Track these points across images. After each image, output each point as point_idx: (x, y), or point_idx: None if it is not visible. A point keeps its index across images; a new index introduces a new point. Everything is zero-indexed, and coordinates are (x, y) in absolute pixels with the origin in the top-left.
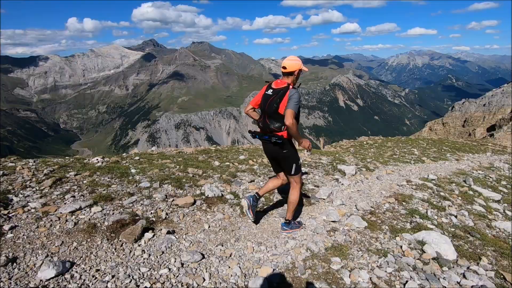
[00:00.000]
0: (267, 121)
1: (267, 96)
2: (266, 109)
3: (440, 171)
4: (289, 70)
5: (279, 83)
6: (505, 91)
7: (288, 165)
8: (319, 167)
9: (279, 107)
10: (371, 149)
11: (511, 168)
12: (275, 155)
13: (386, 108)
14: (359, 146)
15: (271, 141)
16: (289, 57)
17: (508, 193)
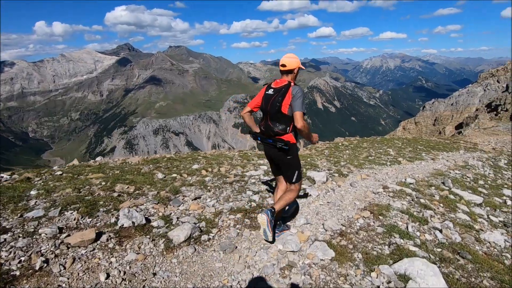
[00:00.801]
0: (269, 123)
1: (268, 96)
2: (268, 110)
3: (417, 173)
4: (289, 68)
5: (279, 82)
6: (470, 91)
7: (290, 172)
8: None
9: (281, 105)
10: (346, 151)
11: (485, 165)
12: (276, 159)
13: (362, 109)
14: (334, 148)
15: (276, 146)
16: (287, 54)
17: (488, 194)
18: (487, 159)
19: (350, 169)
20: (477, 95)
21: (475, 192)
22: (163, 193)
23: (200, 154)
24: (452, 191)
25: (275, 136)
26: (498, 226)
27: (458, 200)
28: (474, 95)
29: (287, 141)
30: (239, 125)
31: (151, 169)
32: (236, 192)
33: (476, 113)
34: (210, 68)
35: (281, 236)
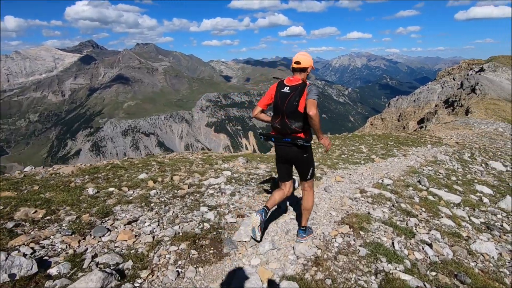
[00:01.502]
0: (287, 121)
1: (284, 94)
2: (285, 108)
3: (392, 171)
4: (303, 66)
5: (293, 80)
6: (430, 88)
7: (306, 169)
8: (252, 181)
9: (299, 104)
10: (318, 149)
11: (452, 160)
12: (293, 159)
13: (332, 106)
14: None
15: (297, 144)
16: (301, 52)
17: (464, 192)
18: (452, 153)
19: (324, 171)
20: (436, 92)
21: (451, 190)
22: (85, 217)
23: (156, 159)
24: (430, 191)
25: (292, 134)
26: (482, 230)
27: (438, 201)
28: (433, 92)
29: (307, 138)
30: (212, 124)
31: (84, 181)
32: (187, 209)
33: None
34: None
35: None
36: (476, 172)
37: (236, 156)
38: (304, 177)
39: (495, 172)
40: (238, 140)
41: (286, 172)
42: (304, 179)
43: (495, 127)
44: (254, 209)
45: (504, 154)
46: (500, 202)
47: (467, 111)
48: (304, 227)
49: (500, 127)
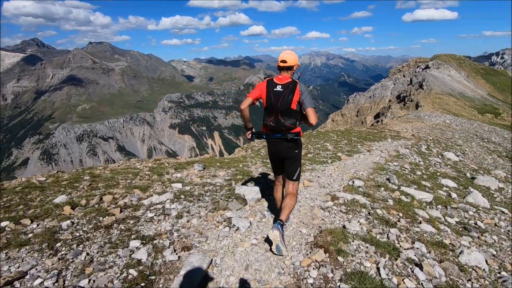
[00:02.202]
0: (280, 119)
1: (278, 92)
2: (279, 106)
3: (360, 169)
4: (290, 64)
5: (282, 79)
6: (383, 85)
7: (294, 167)
8: (207, 194)
9: (292, 102)
10: None
11: (412, 153)
12: (286, 155)
13: None
14: None
15: (288, 138)
16: (286, 51)
17: (432, 188)
18: (411, 146)
19: None
20: (389, 88)
21: (420, 187)
22: None
23: (93, 171)
24: (402, 191)
25: (286, 130)
26: (460, 232)
27: (411, 201)
28: (387, 88)
29: (298, 132)
30: (176, 125)
31: None
32: (110, 246)
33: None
34: (139, 66)
35: None
36: (436, 164)
37: (192, 162)
38: (292, 175)
39: (451, 163)
40: (203, 141)
41: (280, 167)
42: (291, 179)
43: (443, 119)
44: (205, 235)
45: (454, 144)
46: (468, 197)
47: (417, 105)
48: (281, 221)
49: (447, 119)
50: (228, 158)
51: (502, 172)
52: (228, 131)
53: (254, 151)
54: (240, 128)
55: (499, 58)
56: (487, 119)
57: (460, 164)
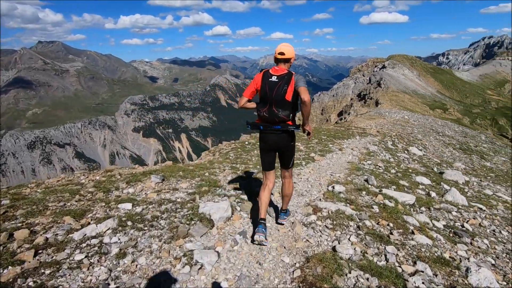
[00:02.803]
0: (274, 110)
1: (272, 82)
2: (273, 97)
3: (336, 171)
4: (287, 57)
5: (279, 70)
6: (345, 84)
7: (290, 156)
8: (163, 216)
9: (287, 92)
10: (254, 151)
11: (381, 149)
12: (281, 146)
13: None
14: (241, 148)
15: (288, 130)
16: (283, 43)
17: (410, 187)
18: (379, 142)
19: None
20: (350, 87)
21: (399, 187)
22: None
23: (20, 191)
24: (383, 194)
25: (280, 122)
26: (451, 238)
27: (396, 205)
28: (348, 87)
29: (298, 124)
30: (140, 128)
31: None
32: None
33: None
34: (97, 67)
35: None
36: (404, 160)
37: (150, 172)
38: (287, 165)
39: (417, 158)
40: (170, 144)
41: (271, 161)
42: (286, 168)
43: (401, 115)
44: (157, 282)
45: (415, 139)
46: (447, 195)
47: (377, 103)
48: (285, 210)
49: (405, 115)
50: (193, 165)
51: (461, 165)
52: (196, 133)
53: (222, 155)
54: (208, 130)
55: (444, 58)
56: (437, 114)
57: (424, 158)
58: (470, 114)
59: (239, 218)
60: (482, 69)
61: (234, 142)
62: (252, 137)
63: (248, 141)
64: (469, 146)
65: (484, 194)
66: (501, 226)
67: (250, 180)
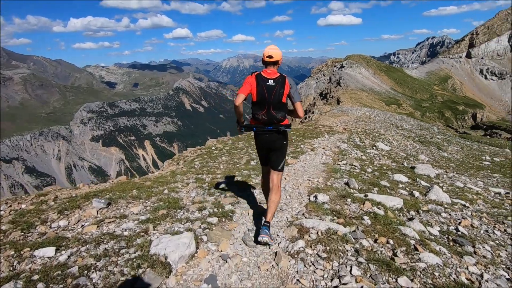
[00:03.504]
0: (273, 112)
1: (270, 86)
2: (272, 100)
3: (312, 175)
4: (276, 59)
5: (271, 73)
6: (307, 83)
7: (281, 157)
8: (98, 266)
9: (283, 96)
10: (222, 157)
11: (350, 147)
12: (275, 146)
13: (228, 106)
14: (207, 155)
15: (279, 130)
16: (270, 46)
17: (391, 187)
18: (347, 139)
19: (233, 194)
20: (312, 87)
21: (381, 188)
22: None
23: None
24: (369, 199)
25: (278, 123)
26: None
27: (385, 213)
28: (311, 87)
29: (288, 124)
30: (98, 137)
31: None
32: None
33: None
34: (46, 73)
35: None
36: (375, 156)
37: (95, 193)
38: (277, 166)
39: (385, 153)
40: (133, 152)
41: (267, 158)
42: (276, 169)
43: (363, 112)
44: None
45: (379, 134)
46: (430, 194)
47: (338, 101)
48: (269, 223)
49: (366, 111)
50: (151, 179)
51: (425, 157)
52: (160, 139)
53: (186, 164)
54: (173, 135)
55: (395, 57)
56: (393, 109)
57: (392, 153)
58: (421, 108)
59: (206, 253)
60: (428, 67)
61: (200, 148)
62: (219, 142)
63: (215, 146)
64: (426, 138)
65: (458, 187)
66: (491, 224)
67: (219, 195)
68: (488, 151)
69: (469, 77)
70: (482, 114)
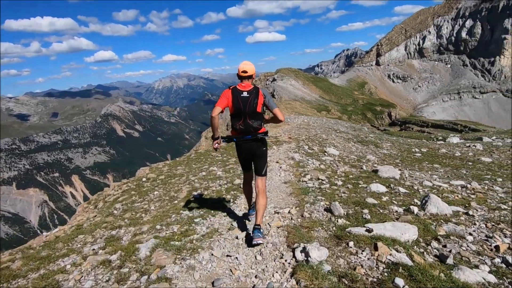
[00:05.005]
0: (249, 122)
1: (245, 98)
2: (247, 110)
3: (280, 203)
4: (250, 74)
5: (246, 86)
6: None
7: (263, 163)
8: None
9: (257, 105)
10: (155, 191)
11: (304, 156)
12: (255, 152)
13: (165, 128)
14: (136, 190)
15: (258, 138)
16: (245, 62)
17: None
18: (298, 148)
19: (167, 256)
20: None
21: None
22: None
23: None
24: (375, 236)
25: (255, 131)
26: None
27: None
28: None
29: (265, 131)
30: (11, 180)
31: None
32: None
33: None
34: None
35: None
36: (333, 164)
37: None
38: (260, 171)
39: (339, 159)
40: (58, 191)
41: (248, 164)
42: (260, 174)
43: (301, 119)
44: None
45: (323, 139)
46: (429, 207)
47: None
48: (259, 225)
49: (304, 119)
50: (32, 249)
51: (372, 157)
52: (91, 171)
53: (105, 208)
54: (106, 165)
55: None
56: (323, 115)
57: (344, 157)
58: (347, 112)
59: None
60: (347, 75)
61: (127, 182)
62: (152, 170)
63: (146, 177)
64: (362, 138)
65: (428, 187)
66: None
67: (141, 263)
68: (413, 144)
69: (381, 81)
70: (395, 112)
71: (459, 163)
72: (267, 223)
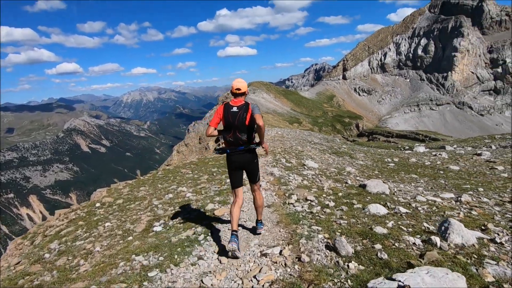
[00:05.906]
0: (238, 135)
1: (234, 112)
2: (236, 124)
3: (267, 240)
4: (243, 91)
5: (237, 102)
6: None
7: (256, 172)
8: None
9: (246, 119)
10: (107, 221)
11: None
12: (246, 164)
13: (134, 142)
14: (85, 219)
15: (250, 148)
16: (237, 79)
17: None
18: (275, 162)
19: None
20: None
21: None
22: None
23: None
24: None
25: (243, 144)
26: None
27: None
28: None
29: (258, 142)
30: None
31: None
32: None
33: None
34: None
35: None
36: (315, 179)
37: None
38: (254, 180)
39: (320, 172)
40: (13, 213)
41: (239, 178)
42: (254, 182)
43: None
44: None
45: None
46: (451, 236)
47: None
48: (260, 220)
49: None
50: None
51: (351, 169)
52: (52, 191)
53: (43, 243)
54: (69, 183)
55: (290, 82)
56: (296, 127)
57: (324, 170)
58: (317, 124)
59: None
60: (317, 88)
61: (77, 208)
62: (109, 192)
63: (101, 201)
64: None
65: (426, 203)
66: None
67: None
68: (384, 154)
69: (348, 94)
70: (363, 123)
71: (432, 172)
72: (252, 277)
